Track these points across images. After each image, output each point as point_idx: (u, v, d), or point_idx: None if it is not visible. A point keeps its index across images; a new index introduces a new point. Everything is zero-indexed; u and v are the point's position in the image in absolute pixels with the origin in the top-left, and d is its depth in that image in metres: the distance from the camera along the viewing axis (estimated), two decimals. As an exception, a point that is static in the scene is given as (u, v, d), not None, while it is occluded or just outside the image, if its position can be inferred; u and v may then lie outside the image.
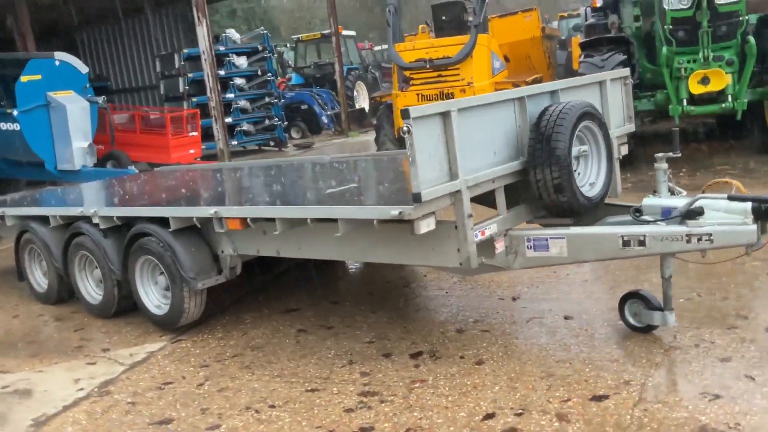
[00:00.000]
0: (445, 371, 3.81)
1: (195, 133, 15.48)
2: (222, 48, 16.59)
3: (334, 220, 3.75)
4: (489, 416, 3.29)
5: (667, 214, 3.65)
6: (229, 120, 16.77)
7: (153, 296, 5.00)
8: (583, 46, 9.82)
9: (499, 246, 3.75)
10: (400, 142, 10.80)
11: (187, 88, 16.37)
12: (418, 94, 10.01)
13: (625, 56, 9.25)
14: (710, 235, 3.41)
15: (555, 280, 5.14)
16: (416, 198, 3.22)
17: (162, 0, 20.89)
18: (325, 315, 4.96)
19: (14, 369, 4.64)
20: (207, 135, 15.82)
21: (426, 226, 3.33)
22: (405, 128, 3.17)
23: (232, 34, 17.24)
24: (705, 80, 8.44)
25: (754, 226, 3.35)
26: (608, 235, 3.63)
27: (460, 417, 3.32)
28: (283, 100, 18.00)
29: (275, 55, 18.46)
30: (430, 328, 4.48)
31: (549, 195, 3.77)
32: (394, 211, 3.30)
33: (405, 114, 3.16)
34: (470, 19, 11.12)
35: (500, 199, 3.81)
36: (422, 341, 4.28)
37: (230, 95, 16.59)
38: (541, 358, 3.85)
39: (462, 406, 3.41)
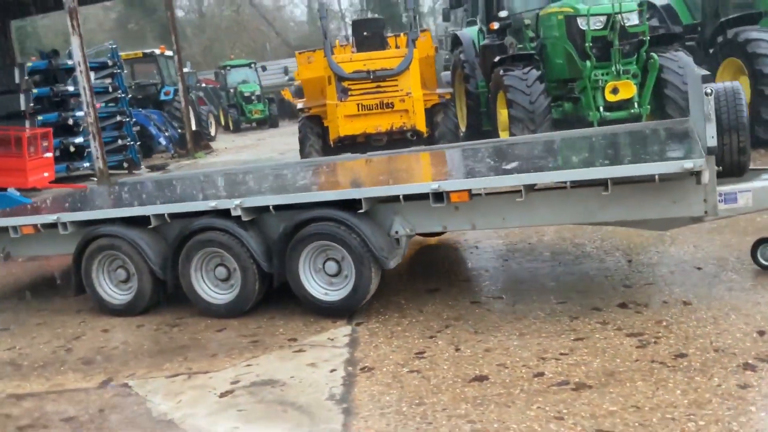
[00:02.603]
0: (671, 311, 4.41)
1: (49, 154, 14.04)
2: (69, 62, 15.24)
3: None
4: (762, 332, 3.97)
5: (818, 169, 4.65)
6: (79, 140, 15.48)
7: (317, 284, 4.90)
8: (501, 62, 10.95)
9: (705, 200, 4.47)
10: (326, 151, 11.13)
11: (31, 104, 14.76)
12: (358, 104, 10.41)
13: (540, 71, 10.56)
14: None
15: (641, 242, 5.96)
16: (712, 151, 3.84)
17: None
18: (476, 290, 5.27)
19: (211, 368, 4.30)
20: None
21: (707, 176, 3.94)
22: (708, 90, 3.78)
23: (78, 47, 15.84)
24: (615, 90, 9.99)
25: None
26: (788, 186, 4.53)
27: (740, 336, 3.95)
28: (134, 119, 16.93)
29: (125, 71, 17.32)
30: (599, 287, 5.04)
31: (732, 156, 4.58)
32: (688, 164, 3.85)
33: (707, 79, 3.78)
34: (387, 35, 11.82)
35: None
36: (606, 296, 4.82)
37: (80, 113, 15.25)
38: (731, 293, 4.61)
39: (729, 330, 4.04)
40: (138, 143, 16.81)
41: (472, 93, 13.08)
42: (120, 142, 16.21)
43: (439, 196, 4.46)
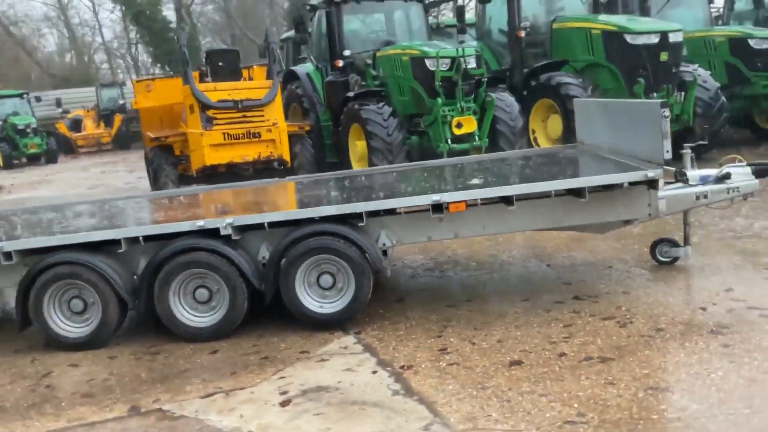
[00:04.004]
0: (620, 299, 5.26)
1: None
2: None
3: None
4: (704, 308, 4.94)
5: (705, 179, 5.84)
6: None
7: (311, 298, 5.03)
8: (356, 96, 11.63)
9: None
10: (182, 181, 10.95)
11: None
12: (224, 133, 10.41)
13: (392, 107, 11.44)
14: (738, 188, 5.74)
15: (544, 249, 6.87)
16: (668, 163, 4.77)
17: None
18: (442, 297, 5.75)
19: (244, 385, 4.27)
20: None
21: (662, 184, 4.87)
22: (666, 112, 4.72)
23: None
24: (459, 125, 11.15)
25: (757, 181, 5.80)
26: (689, 194, 5.63)
27: (689, 313, 4.88)
28: None
29: None
30: (543, 286, 5.79)
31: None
32: (651, 173, 4.76)
33: (664, 105, 4.71)
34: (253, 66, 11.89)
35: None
36: (557, 292, 5.57)
37: None
38: (654, 284, 5.60)
39: (678, 309, 4.96)
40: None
41: (314, 127, 13.54)
42: None
43: (438, 207, 4.91)
